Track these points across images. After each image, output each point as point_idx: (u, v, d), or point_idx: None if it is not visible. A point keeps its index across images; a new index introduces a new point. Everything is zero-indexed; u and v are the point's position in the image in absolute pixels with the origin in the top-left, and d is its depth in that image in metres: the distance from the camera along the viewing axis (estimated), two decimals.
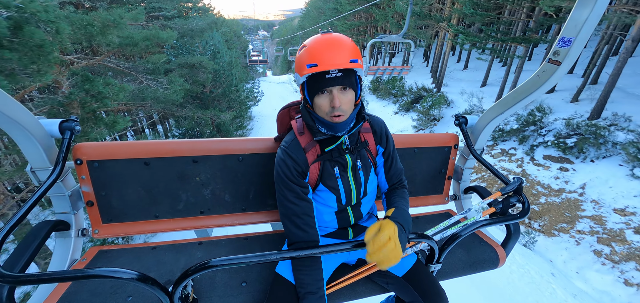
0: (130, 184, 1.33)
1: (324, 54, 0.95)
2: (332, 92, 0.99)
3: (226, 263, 0.83)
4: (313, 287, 1.04)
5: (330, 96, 1.00)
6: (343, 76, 0.98)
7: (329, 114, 1.01)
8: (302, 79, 1.03)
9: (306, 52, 0.99)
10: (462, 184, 1.81)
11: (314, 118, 1.07)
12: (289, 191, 1.08)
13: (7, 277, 0.74)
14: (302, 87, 1.08)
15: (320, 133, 1.07)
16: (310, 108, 1.08)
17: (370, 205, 1.27)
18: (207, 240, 1.48)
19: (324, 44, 0.97)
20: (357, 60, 0.98)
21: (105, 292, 1.13)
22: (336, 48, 0.96)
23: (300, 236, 1.08)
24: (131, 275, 0.78)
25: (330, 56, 0.95)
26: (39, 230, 1.10)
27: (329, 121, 1.03)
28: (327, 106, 1.01)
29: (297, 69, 1.04)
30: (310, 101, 1.05)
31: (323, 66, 0.95)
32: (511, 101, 1.43)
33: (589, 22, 1.05)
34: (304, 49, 1.01)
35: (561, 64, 1.17)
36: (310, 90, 1.02)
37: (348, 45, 0.98)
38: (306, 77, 1.01)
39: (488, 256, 1.46)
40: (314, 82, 1.00)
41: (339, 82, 0.98)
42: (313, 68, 0.96)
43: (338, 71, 0.96)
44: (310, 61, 0.96)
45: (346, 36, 1.02)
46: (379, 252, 0.88)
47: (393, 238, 0.90)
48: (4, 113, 0.96)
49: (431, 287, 1.15)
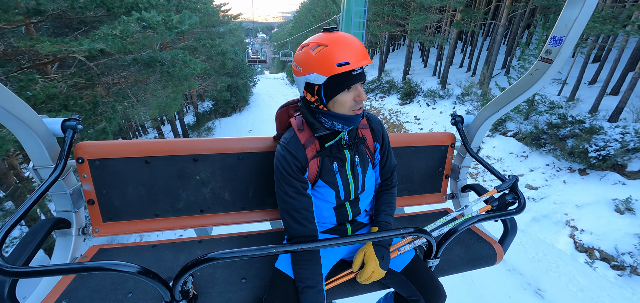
0: (131, 183, 1.34)
1: (355, 52, 0.97)
2: (357, 88, 1.03)
3: (226, 256, 0.84)
4: (312, 281, 1.05)
5: (356, 91, 1.03)
6: (362, 72, 1.02)
7: (352, 108, 1.05)
8: (325, 79, 0.98)
9: (331, 52, 0.95)
10: (459, 182, 1.83)
11: (321, 115, 1.08)
12: (288, 186, 1.10)
13: (9, 270, 0.75)
14: (319, 87, 1.02)
15: (324, 129, 1.09)
16: (317, 106, 1.07)
17: (368, 200, 1.29)
18: (207, 238, 1.49)
19: (348, 42, 0.97)
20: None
21: (106, 288, 1.14)
22: (358, 45, 0.99)
23: (300, 231, 1.10)
24: (133, 268, 0.80)
25: (359, 54, 0.98)
26: (40, 228, 1.11)
27: (350, 115, 1.06)
28: (350, 101, 1.04)
29: (316, 69, 0.98)
30: (329, 98, 1.03)
31: (356, 63, 0.96)
32: (505, 100, 1.46)
33: (578, 21, 1.09)
34: (322, 48, 0.97)
35: (553, 62, 1.20)
36: (333, 88, 1.01)
37: (361, 42, 1.02)
38: (330, 76, 0.98)
39: (486, 252, 1.48)
40: (340, 80, 0.99)
41: (362, 78, 1.02)
42: (345, 66, 0.95)
43: (360, 67, 1.00)
44: (341, 59, 0.95)
45: None
46: (367, 281, 1.16)
47: (376, 272, 1.13)
48: (9, 111, 0.98)
49: (429, 282, 1.17)
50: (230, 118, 22.54)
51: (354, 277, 1.20)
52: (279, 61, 66.76)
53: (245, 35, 23.16)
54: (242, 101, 25.42)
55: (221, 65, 18.58)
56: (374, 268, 1.12)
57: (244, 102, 25.81)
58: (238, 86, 23.75)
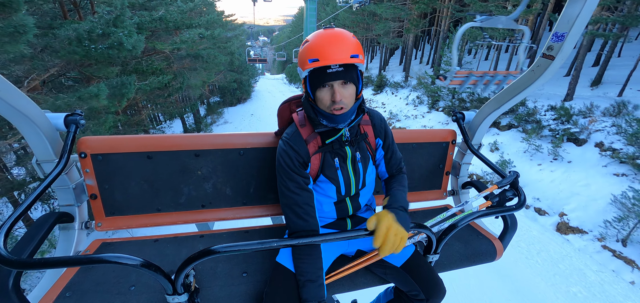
0: (133, 178, 1.35)
1: (325, 49, 0.98)
2: (332, 87, 1.02)
3: (229, 250, 0.85)
4: (313, 275, 1.06)
5: (331, 90, 1.02)
6: (344, 71, 1.00)
7: (330, 107, 1.04)
8: (305, 74, 1.05)
9: (308, 47, 1.01)
10: (460, 179, 1.83)
11: (316, 110, 1.10)
12: (290, 181, 1.10)
13: (14, 261, 0.76)
14: (305, 81, 1.10)
15: (322, 125, 1.10)
16: (312, 101, 1.10)
17: (368, 196, 1.30)
18: (209, 233, 1.50)
19: (326, 40, 1.00)
20: (358, 55, 1.01)
21: (109, 281, 1.14)
22: (337, 43, 0.99)
23: (301, 226, 1.10)
24: (136, 261, 0.80)
25: (331, 51, 0.97)
26: (44, 221, 1.12)
27: (329, 113, 1.06)
28: (328, 100, 1.03)
29: (299, 63, 1.06)
30: (312, 94, 1.07)
31: (324, 60, 0.97)
32: (507, 96, 1.46)
33: (580, 18, 1.09)
34: (306, 44, 1.03)
35: (555, 59, 1.20)
36: (312, 84, 1.05)
37: (349, 40, 1.01)
38: (308, 72, 1.04)
39: (485, 249, 1.48)
40: (315, 77, 1.03)
41: (339, 77, 1.01)
42: (315, 63, 0.98)
43: (339, 65, 0.99)
44: (312, 56, 0.98)
45: (347, 31, 1.05)
46: (384, 245, 0.92)
47: (392, 227, 0.93)
48: (13, 106, 0.99)
49: (429, 277, 1.17)
50: (235, 107, 28.18)
51: (355, 270, 1.20)
52: (279, 62, 68.95)
53: (247, 38, 24.87)
54: (245, 94, 31.43)
55: (229, 63, 23.91)
56: (389, 225, 0.92)
57: (246, 95, 31.94)
58: (242, 81, 29.65)
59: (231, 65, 24.92)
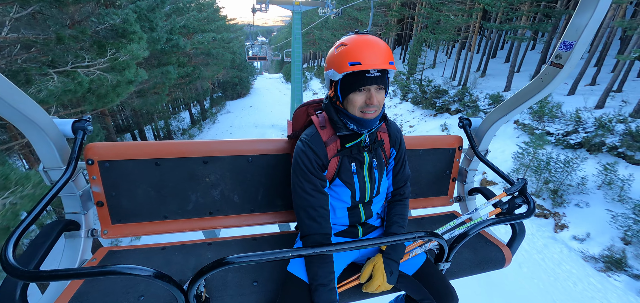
0: (140, 185, 1.33)
1: (367, 54, 0.99)
2: (370, 91, 1.03)
3: (243, 260, 0.83)
4: (325, 279, 1.05)
5: (367, 93, 1.04)
6: (381, 76, 1.02)
7: (361, 109, 1.05)
8: (340, 76, 1.04)
9: (347, 51, 1.01)
10: (466, 185, 1.83)
11: (341, 115, 1.10)
12: (307, 182, 1.10)
13: (24, 273, 0.74)
14: (335, 84, 1.09)
15: (346, 128, 1.10)
16: (339, 105, 1.10)
17: (380, 203, 1.29)
18: (216, 241, 1.48)
19: (366, 44, 1.01)
20: (392, 62, 1.03)
21: (117, 291, 1.12)
22: (377, 49, 1.00)
23: (314, 228, 1.09)
24: (148, 272, 0.79)
25: (373, 56, 0.99)
26: (51, 230, 1.10)
27: (359, 116, 1.06)
28: (361, 102, 1.04)
29: (334, 66, 1.05)
30: (342, 97, 1.07)
31: (367, 65, 0.98)
32: (514, 104, 1.46)
33: (589, 27, 1.10)
34: (342, 47, 1.03)
35: (563, 67, 1.21)
36: (347, 87, 1.05)
37: (386, 47, 1.03)
38: (344, 75, 1.03)
39: (494, 256, 1.48)
40: (352, 80, 1.03)
41: (377, 82, 1.02)
42: (356, 66, 0.99)
43: (377, 70, 1.00)
44: (353, 59, 0.99)
45: (380, 39, 1.07)
46: (374, 293, 1.17)
47: (383, 285, 1.13)
48: (21, 112, 0.97)
49: (442, 285, 1.17)
50: (236, 101, 33.19)
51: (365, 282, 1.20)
52: (277, 62, 70.34)
53: (247, 38, 26.46)
54: (244, 90, 37.18)
55: (231, 61, 28.46)
56: (381, 283, 1.11)
57: (246, 91, 37.79)
58: (242, 78, 35.26)
59: (233, 63, 28.94)
